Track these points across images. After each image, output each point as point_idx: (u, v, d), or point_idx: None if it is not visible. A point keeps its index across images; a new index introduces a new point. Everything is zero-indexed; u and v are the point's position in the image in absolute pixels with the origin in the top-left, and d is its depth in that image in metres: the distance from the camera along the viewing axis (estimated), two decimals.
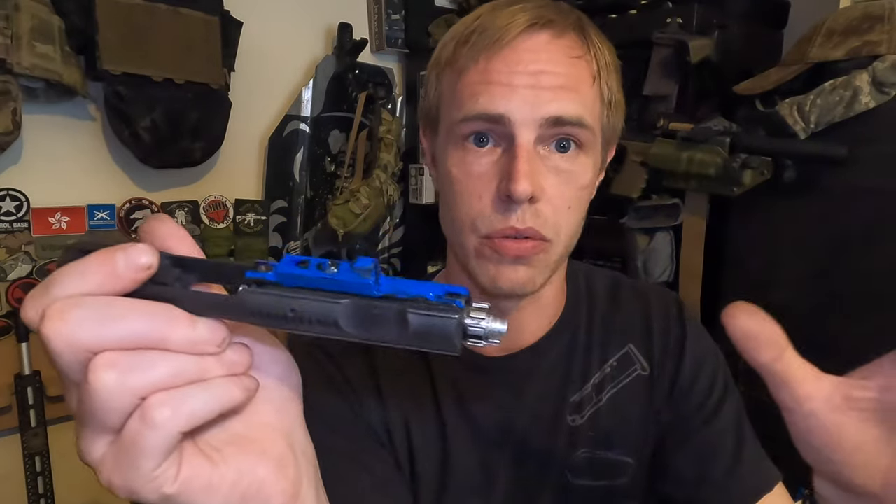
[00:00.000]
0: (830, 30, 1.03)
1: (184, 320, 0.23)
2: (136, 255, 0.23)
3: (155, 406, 0.22)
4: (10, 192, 1.23)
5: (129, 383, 0.22)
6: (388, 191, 1.63)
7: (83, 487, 1.37)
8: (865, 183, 0.98)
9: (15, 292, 1.24)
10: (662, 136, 1.17)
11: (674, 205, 1.21)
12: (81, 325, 0.22)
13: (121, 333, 0.22)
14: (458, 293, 0.23)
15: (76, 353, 0.22)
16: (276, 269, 0.24)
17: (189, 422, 0.23)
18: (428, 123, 0.58)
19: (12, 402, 1.22)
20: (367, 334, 0.24)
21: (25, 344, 1.22)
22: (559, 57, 0.49)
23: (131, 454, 0.23)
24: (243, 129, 1.53)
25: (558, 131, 0.49)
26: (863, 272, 0.99)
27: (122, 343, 0.23)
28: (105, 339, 0.22)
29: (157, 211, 1.41)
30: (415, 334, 0.23)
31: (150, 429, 0.22)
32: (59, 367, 0.23)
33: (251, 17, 1.47)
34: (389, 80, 1.76)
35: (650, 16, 1.23)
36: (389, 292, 0.24)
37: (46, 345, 0.22)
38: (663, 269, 1.25)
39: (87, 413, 0.23)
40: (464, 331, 0.23)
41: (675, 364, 0.60)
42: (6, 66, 1.10)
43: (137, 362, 0.22)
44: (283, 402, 0.29)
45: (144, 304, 0.23)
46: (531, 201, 0.48)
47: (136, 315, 0.23)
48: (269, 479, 0.27)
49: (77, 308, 0.22)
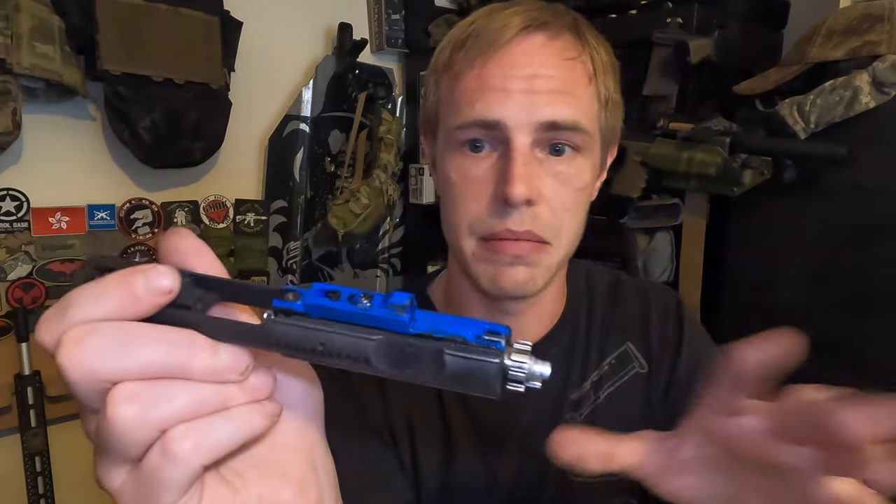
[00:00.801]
0: (830, 30, 1.03)
1: (206, 348, 0.22)
2: (156, 278, 0.22)
3: (176, 439, 0.21)
4: (10, 192, 1.23)
5: (149, 416, 0.21)
6: (388, 191, 1.63)
7: (83, 487, 1.37)
8: (865, 183, 0.98)
9: (15, 292, 1.24)
10: (662, 136, 1.17)
11: (674, 205, 1.21)
12: (99, 354, 0.21)
13: (141, 363, 0.21)
14: (499, 332, 0.22)
15: (94, 383, 0.21)
16: (305, 298, 0.23)
17: (212, 454, 0.22)
18: (428, 128, 0.58)
19: (12, 402, 1.22)
20: (400, 373, 0.22)
21: (25, 344, 1.22)
22: (554, 60, 0.49)
23: (152, 487, 0.22)
24: (243, 129, 1.53)
25: (553, 136, 0.49)
26: (863, 272, 0.99)
27: (141, 373, 0.21)
28: (124, 370, 0.21)
29: (157, 211, 1.41)
30: (452, 376, 0.22)
31: (171, 462, 0.21)
32: (76, 395, 0.22)
33: (251, 17, 1.47)
34: (389, 80, 1.76)
35: (650, 16, 1.23)
36: (425, 330, 0.22)
37: (63, 373, 0.21)
38: (663, 269, 1.25)
39: (104, 443, 0.22)
40: (504, 374, 0.22)
41: (672, 362, 0.60)
42: (6, 66, 1.10)
43: (158, 394, 0.21)
44: (305, 421, 0.29)
45: (165, 331, 0.22)
46: (528, 204, 0.48)
47: (156, 343, 0.22)
48: (292, 502, 0.26)
49: (94, 336, 0.21)
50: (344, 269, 1.77)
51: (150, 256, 1.40)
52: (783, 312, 1.10)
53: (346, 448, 0.52)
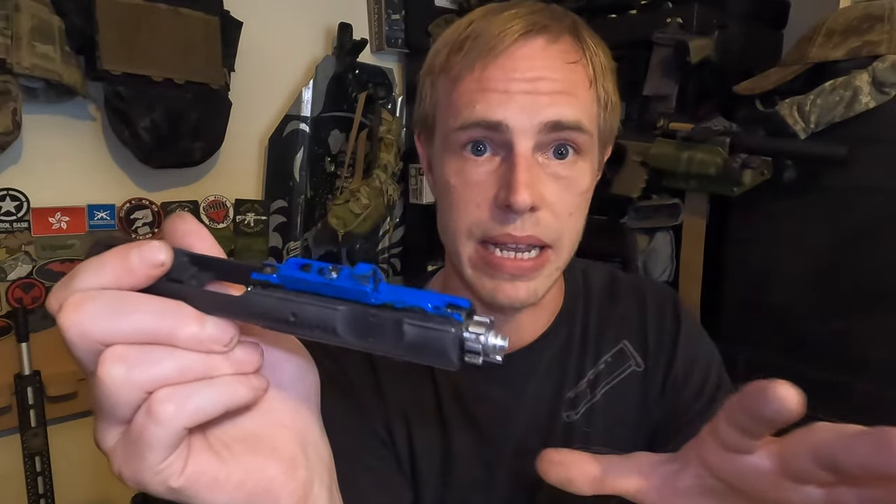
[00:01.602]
0: (830, 30, 1.03)
1: (192, 318, 0.24)
2: (149, 252, 0.24)
3: (160, 401, 0.23)
4: (10, 192, 1.23)
5: (135, 378, 0.23)
6: (388, 191, 1.63)
7: (83, 487, 1.37)
8: (865, 183, 0.98)
9: (15, 292, 1.24)
10: (662, 136, 1.17)
11: (674, 205, 1.21)
12: (94, 317, 0.23)
13: (130, 327, 0.23)
14: (459, 305, 0.23)
15: (89, 344, 0.23)
16: (280, 271, 0.24)
17: (193, 418, 0.23)
18: (423, 130, 0.57)
19: (12, 402, 1.22)
20: (364, 343, 0.23)
21: (25, 344, 1.22)
22: (556, 63, 0.49)
23: (138, 446, 0.23)
24: (243, 129, 1.53)
25: (557, 137, 0.49)
26: (863, 272, 0.99)
27: (131, 337, 0.23)
28: (115, 333, 0.23)
29: (157, 211, 1.41)
30: (410, 346, 0.22)
31: (154, 423, 0.23)
32: (74, 357, 0.24)
33: (251, 17, 1.47)
34: (389, 80, 1.76)
35: (650, 16, 1.23)
36: (388, 301, 0.23)
37: (62, 334, 0.23)
38: (663, 269, 1.25)
39: (98, 404, 0.24)
40: (461, 346, 0.22)
41: (668, 359, 0.60)
42: (6, 66, 1.10)
43: (145, 357, 0.23)
44: (297, 403, 0.29)
45: (155, 301, 0.24)
46: (531, 210, 0.48)
47: (145, 310, 0.23)
48: (279, 479, 0.27)
49: (91, 301, 0.23)
50: None
51: None
52: (783, 312, 1.10)
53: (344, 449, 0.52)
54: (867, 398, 0.99)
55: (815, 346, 1.05)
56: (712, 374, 0.60)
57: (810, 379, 1.17)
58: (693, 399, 0.59)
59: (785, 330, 1.09)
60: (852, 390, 1.00)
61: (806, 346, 1.06)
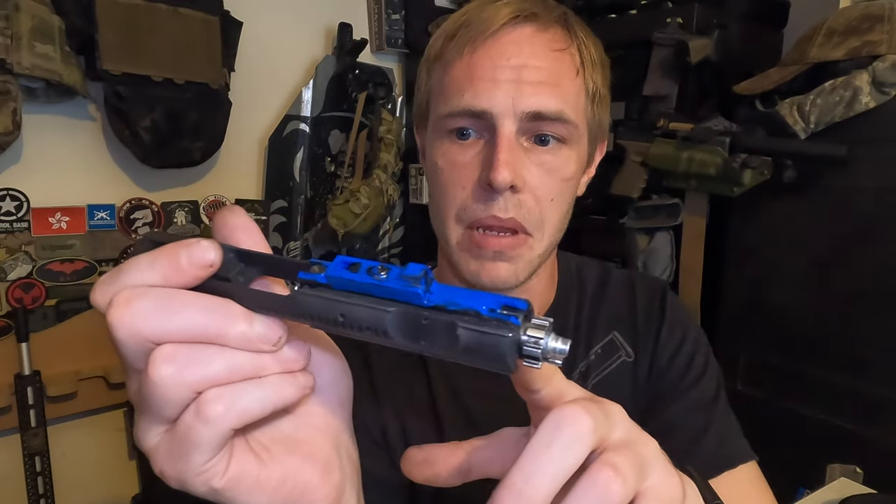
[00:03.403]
0: (830, 30, 1.03)
1: (241, 317, 0.24)
2: (199, 252, 0.23)
3: (209, 402, 0.23)
4: (10, 192, 1.23)
5: (185, 377, 0.22)
6: (388, 191, 1.63)
7: (83, 487, 1.37)
8: (865, 183, 0.98)
9: (15, 292, 1.24)
10: (662, 136, 1.17)
11: (674, 205, 1.21)
12: (144, 315, 0.22)
13: (181, 326, 0.23)
14: (516, 307, 0.21)
15: (138, 342, 0.23)
16: (328, 270, 0.23)
17: (241, 419, 0.23)
18: (420, 119, 0.58)
19: (12, 402, 1.22)
20: (417, 346, 0.22)
21: (25, 344, 1.22)
22: (542, 50, 0.50)
23: (184, 446, 0.23)
24: (243, 129, 1.53)
25: (538, 126, 0.50)
26: (863, 272, 0.99)
27: (181, 336, 0.23)
28: (165, 331, 0.23)
29: (157, 211, 1.41)
30: (465, 350, 0.21)
31: (203, 423, 0.23)
32: (121, 354, 0.23)
33: (251, 17, 1.47)
34: (389, 80, 1.76)
35: (650, 16, 1.23)
36: (440, 302, 0.22)
37: (111, 332, 0.23)
38: (663, 269, 1.25)
39: (144, 402, 0.23)
40: (519, 350, 0.21)
41: (654, 344, 0.61)
42: (6, 66, 1.10)
43: (195, 357, 0.23)
44: (334, 406, 0.29)
45: (204, 299, 0.23)
46: (513, 191, 0.49)
47: (195, 309, 0.23)
48: (314, 482, 0.27)
49: (141, 298, 0.23)
50: None
51: None
52: (783, 312, 1.10)
53: None
54: (867, 398, 0.99)
55: (815, 346, 1.05)
56: (697, 357, 0.60)
57: (810, 379, 1.17)
58: (678, 379, 0.59)
59: (785, 330, 1.09)
60: (852, 390, 1.00)
61: (806, 346, 1.06)
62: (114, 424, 1.42)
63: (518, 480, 0.22)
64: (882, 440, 0.97)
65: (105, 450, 1.41)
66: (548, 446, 0.22)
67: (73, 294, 1.31)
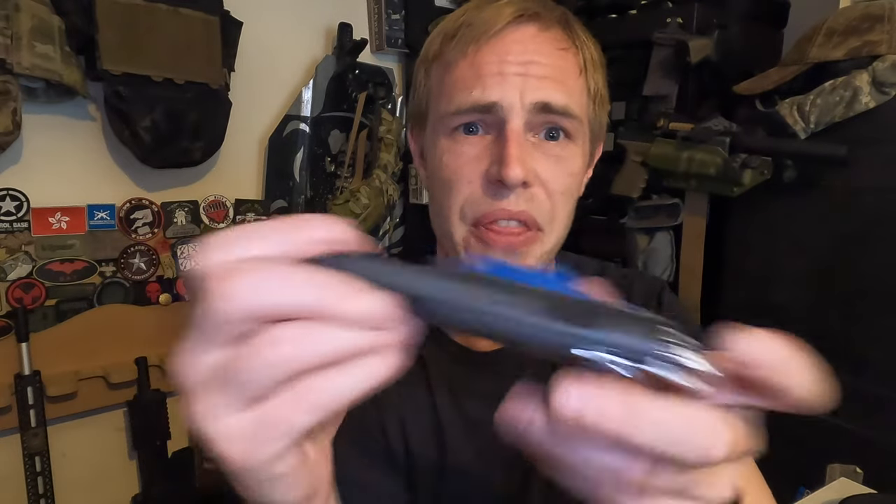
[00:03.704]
0: (830, 30, 1.03)
1: (359, 294, 0.22)
2: (320, 226, 0.23)
3: (312, 388, 0.21)
4: (10, 192, 1.23)
5: (293, 358, 0.21)
6: (388, 191, 1.63)
7: (83, 487, 1.37)
8: (865, 183, 0.98)
9: (15, 292, 1.24)
10: (662, 136, 1.17)
11: (674, 205, 1.21)
12: (255, 288, 0.21)
13: (296, 302, 0.21)
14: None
15: (243, 317, 0.21)
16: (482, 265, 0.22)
17: (339, 403, 0.22)
18: (417, 121, 0.58)
19: (12, 402, 1.22)
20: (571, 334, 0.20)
21: (25, 344, 1.22)
22: (547, 48, 0.50)
23: (272, 431, 0.22)
24: (243, 129, 1.53)
25: (546, 119, 0.50)
26: (863, 272, 0.99)
27: (295, 313, 0.21)
28: (277, 306, 0.21)
29: (157, 211, 1.41)
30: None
31: (303, 409, 0.21)
32: (208, 326, 0.21)
33: (251, 17, 1.47)
34: (389, 80, 1.76)
35: (650, 16, 1.23)
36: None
37: (210, 302, 0.21)
38: (663, 269, 1.25)
39: (231, 379, 0.21)
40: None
41: None
42: (6, 66, 1.10)
43: (306, 337, 0.21)
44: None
45: (320, 275, 0.22)
46: (524, 186, 0.48)
47: (312, 286, 0.21)
48: (325, 480, 0.27)
49: (252, 272, 0.21)
50: None
51: (149, 257, 1.40)
52: (783, 312, 1.10)
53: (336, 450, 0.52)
54: (867, 398, 0.99)
55: (815, 346, 1.05)
56: None
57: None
58: None
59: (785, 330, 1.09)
60: (852, 390, 1.00)
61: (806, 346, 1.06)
62: (114, 424, 1.42)
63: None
64: (882, 440, 0.97)
65: (105, 450, 1.41)
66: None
67: (73, 294, 1.31)
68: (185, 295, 1.44)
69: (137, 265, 1.38)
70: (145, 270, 1.40)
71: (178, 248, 1.44)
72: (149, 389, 1.36)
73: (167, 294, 1.42)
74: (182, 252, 1.44)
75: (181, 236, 1.45)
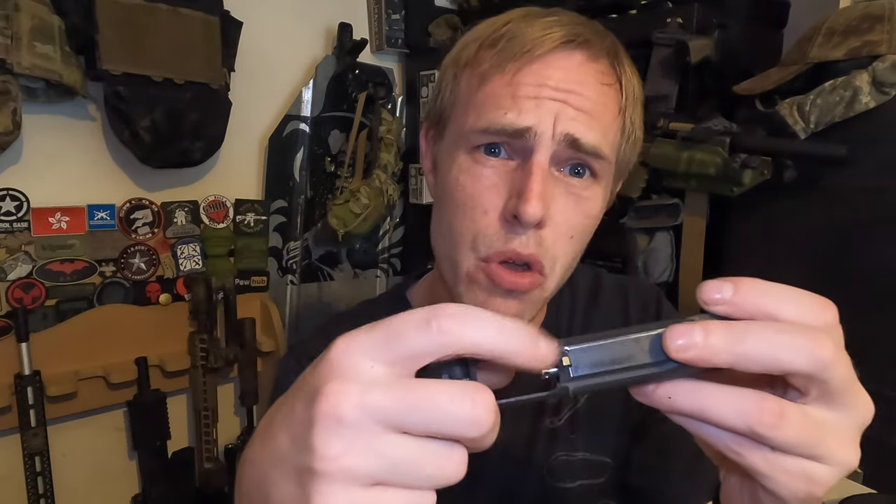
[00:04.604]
0: (830, 30, 1.03)
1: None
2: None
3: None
4: (10, 192, 1.23)
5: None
6: (388, 191, 1.63)
7: (83, 487, 1.37)
8: (865, 183, 0.98)
9: (15, 292, 1.24)
10: (662, 136, 1.17)
11: (674, 205, 1.21)
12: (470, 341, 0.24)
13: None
14: None
15: (444, 352, 0.24)
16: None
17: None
18: (433, 125, 0.55)
19: (12, 402, 1.22)
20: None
21: (25, 344, 1.22)
22: (591, 80, 0.47)
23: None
24: (243, 129, 1.53)
25: (574, 155, 0.47)
26: (863, 272, 0.99)
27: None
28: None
29: (157, 211, 1.41)
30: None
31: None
32: (408, 357, 0.24)
33: (251, 17, 1.47)
34: (389, 80, 1.76)
35: (650, 16, 1.23)
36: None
37: (435, 336, 0.23)
38: (663, 268, 1.24)
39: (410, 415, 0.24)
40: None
41: None
42: (6, 66, 1.10)
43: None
44: None
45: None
46: (538, 227, 0.46)
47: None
48: None
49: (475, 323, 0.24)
50: (344, 269, 1.77)
51: (149, 257, 1.40)
52: None
53: None
54: None
55: None
56: None
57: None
58: None
59: None
60: None
61: None
62: (114, 424, 1.42)
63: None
64: (882, 440, 0.97)
65: (105, 450, 1.41)
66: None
67: (73, 294, 1.31)
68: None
69: (137, 265, 1.38)
70: (145, 270, 1.40)
71: (177, 248, 1.44)
72: (149, 389, 1.37)
73: (167, 294, 1.42)
74: (182, 252, 1.45)
75: (181, 236, 1.45)
